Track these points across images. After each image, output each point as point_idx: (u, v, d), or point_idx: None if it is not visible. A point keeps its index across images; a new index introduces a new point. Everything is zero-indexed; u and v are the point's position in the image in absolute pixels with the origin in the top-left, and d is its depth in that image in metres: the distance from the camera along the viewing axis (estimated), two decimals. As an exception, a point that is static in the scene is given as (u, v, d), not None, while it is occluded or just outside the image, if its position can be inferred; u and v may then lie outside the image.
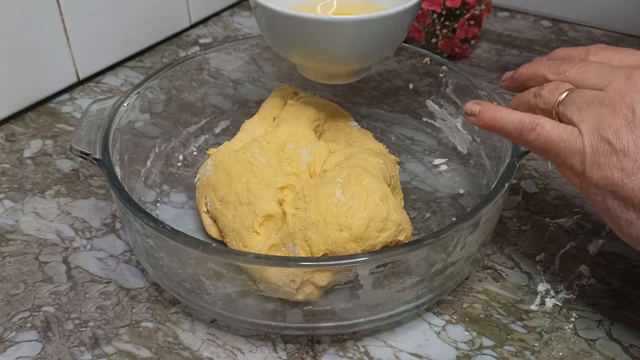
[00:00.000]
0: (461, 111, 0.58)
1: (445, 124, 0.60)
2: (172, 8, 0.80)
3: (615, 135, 0.37)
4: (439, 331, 0.44)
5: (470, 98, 0.56)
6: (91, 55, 0.71)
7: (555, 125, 0.40)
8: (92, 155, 0.47)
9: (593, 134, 0.38)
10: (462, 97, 0.57)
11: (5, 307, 0.46)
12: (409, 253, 0.40)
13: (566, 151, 0.39)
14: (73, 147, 0.48)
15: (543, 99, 0.41)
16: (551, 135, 0.39)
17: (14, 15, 0.62)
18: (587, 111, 0.39)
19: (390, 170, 0.49)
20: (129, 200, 0.43)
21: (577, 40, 0.81)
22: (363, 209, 0.42)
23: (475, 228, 0.42)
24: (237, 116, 0.63)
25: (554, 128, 0.39)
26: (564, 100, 0.40)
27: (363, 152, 0.49)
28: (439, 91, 0.60)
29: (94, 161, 0.47)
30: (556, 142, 0.39)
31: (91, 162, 0.47)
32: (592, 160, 0.38)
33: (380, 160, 0.48)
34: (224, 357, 0.43)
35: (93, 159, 0.47)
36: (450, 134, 0.60)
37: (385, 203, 0.43)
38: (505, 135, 0.42)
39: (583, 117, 0.39)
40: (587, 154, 0.38)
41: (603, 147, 0.37)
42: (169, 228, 0.40)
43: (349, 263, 0.39)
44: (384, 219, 0.43)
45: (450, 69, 0.58)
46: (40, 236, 0.52)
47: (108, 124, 0.50)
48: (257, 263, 0.39)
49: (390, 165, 0.50)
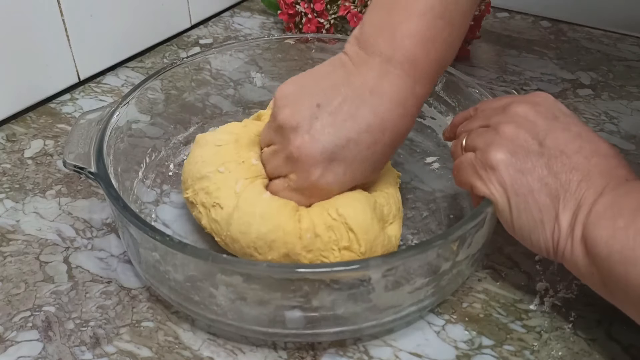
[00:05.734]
0: (451, 109, 0.58)
1: (435, 122, 0.60)
2: (173, 9, 0.80)
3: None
4: (438, 331, 0.44)
5: (460, 96, 0.56)
6: (92, 56, 0.71)
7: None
8: (86, 169, 0.46)
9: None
10: (452, 95, 0.57)
11: (6, 306, 0.46)
12: (419, 255, 0.40)
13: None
14: (67, 162, 0.47)
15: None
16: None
17: (14, 15, 0.62)
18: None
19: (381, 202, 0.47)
20: (126, 207, 0.42)
21: (577, 41, 0.81)
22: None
23: (482, 226, 0.43)
24: (237, 116, 0.63)
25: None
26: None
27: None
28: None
29: (90, 175, 0.46)
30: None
31: (87, 177, 0.47)
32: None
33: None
34: (225, 357, 0.43)
35: (88, 172, 0.46)
36: (441, 132, 0.60)
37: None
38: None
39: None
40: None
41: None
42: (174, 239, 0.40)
43: (359, 268, 0.39)
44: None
45: None
46: (41, 236, 0.52)
47: (101, 133, 0.49)
48: (269, 272, 0.39)
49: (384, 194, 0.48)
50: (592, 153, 0.41)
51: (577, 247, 0.39)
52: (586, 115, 0.67)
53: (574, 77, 0.74)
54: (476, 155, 0.43)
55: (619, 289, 0.37)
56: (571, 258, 0.40)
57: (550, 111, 0.43)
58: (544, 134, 0.41)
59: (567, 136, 0.41)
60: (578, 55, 0.78)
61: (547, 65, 0.76)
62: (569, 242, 0.40)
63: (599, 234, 0.37)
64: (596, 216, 0.38)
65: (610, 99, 0.70)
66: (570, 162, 0.40)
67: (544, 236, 0.41)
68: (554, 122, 0.42)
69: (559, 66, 0.76)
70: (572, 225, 0.39)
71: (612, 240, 0.37)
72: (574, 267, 0.40)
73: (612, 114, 0.67)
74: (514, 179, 0.41)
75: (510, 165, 0.41)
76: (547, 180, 0.40)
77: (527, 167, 0.41)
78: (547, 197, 0.40)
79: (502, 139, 0.42)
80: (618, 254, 0.36)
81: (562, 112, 0.43)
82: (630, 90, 0.71)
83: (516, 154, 0.41)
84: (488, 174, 0.42)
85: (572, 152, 0.41)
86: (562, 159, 0.40)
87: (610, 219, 0.37)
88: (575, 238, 0.39)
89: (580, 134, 0.42)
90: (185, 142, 0.60)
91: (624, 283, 0.36)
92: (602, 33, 0.83)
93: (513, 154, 0.41)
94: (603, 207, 0.38)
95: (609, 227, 0.37)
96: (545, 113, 0.43)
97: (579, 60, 0.77)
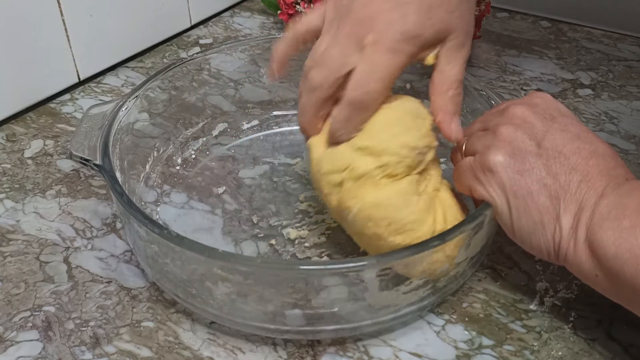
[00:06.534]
0: None
1: None
2: (173, 9, 0.80)
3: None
4: (438, 331, 0.44)
5: (467, 98, 0.56)
6: (92, 56, 0.71)
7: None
8: (92, 161, 0.47)
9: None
10: None
11: (6, 306, 0.46)
12: (414, 255, 0.40)
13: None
14: (73, 153, 0.48)
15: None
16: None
17: (14, 15, 0.62)
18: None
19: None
20: (130, 203, 0.43)
21: (577, 41, 0.81)
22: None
23: (480, 228, 0.42)
24: (237, 116, 0.64)
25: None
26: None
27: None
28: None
29: (94, 167, 0.47)
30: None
31: (92, 168, 0.47)
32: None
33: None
34: (225, 357, 0.43)
35: (94, 164, 0.47)
36: None
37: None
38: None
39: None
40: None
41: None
42: (174, 234, 0.40)
43: (356, 267, 0.39)
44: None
45: None
46: (41, 236, 0.52)
47: (108, 127, 0.50)
48: (264, 267, 0.39)
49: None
50: (591, 154, 0.41)
51: (581, 249, 0.39)
52: (586, 115, 0.67)
53: (574, 77, 0.74)
54: (475, 159, 0.43)
55: (627, 289, 0.37)
56: (574, 260, 0.40)
57: (548, 112, 0.43)
58: (542, 135, 0.41)
59: (565, 137, 0.41)
60: (578, 55, 0.78)
61: (547, 65, 0.76)
62: (571, 244, 0.40)
63: (604, 235, 0.37)
64: (600, 218, 0.38)
65: (610, 99, 0.70)
66: (569, 162, 0.40)
67: (544, 238, 0.41)
68: (552, 123, 0.42)
69: (559, 66, 0.76)
70: (574, 228, 0.39)
71: (620, 241, 0.37)
72: (577, 269, 0.40)
73: (612, 114, 0.67)
74: (513, 180, 0.41)
75: (508, 167, 0.41)
76: (546, 181, 0.40)
77: (526, 168, 0.41)
78: (547, 198, 0.40)
79: (500, 142, 0.42)
80: (627, 254, 0.36)
81: (561, 113, 0.43)
82: (630, 90, 0.71)
83: (514, 156, 0.41)
84: (487, 177, 0.42)
85: (571, 153, 0.41)
86: (561, 159, 0.40)
87: (615, 219, 0.37)
88: (579, 240, 0.39)
89: (578, 135, 0.42)
90: (186, 142, 0.60)
91: (633, 282, 0.36)
92: (602, 33, 0.83)
93: (511, 155, 0.41)
94: (606, 209, 0.38)
95: (615, 227, 0.37)
96: (543, 114, 0.43)
97: (579, 60, 0.77)
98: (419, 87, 0.62)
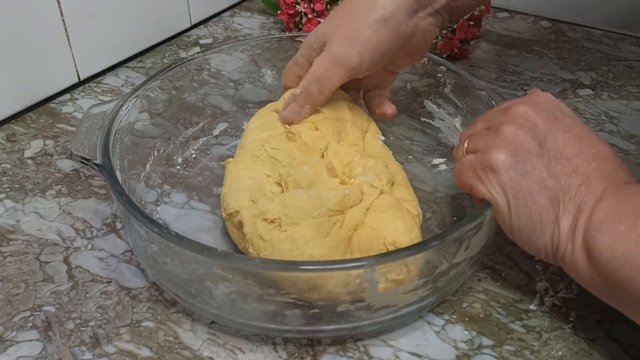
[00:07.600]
0: (460, 111, 0.58)
1: (444, 124, 0.60)
2: (173, 9, 0.80)
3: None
4: (438, 331, 0.44)
5: (469, 98, 0.56)
6: (92, 56, 0.71)
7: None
8: (92, 161, 0.47)
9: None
10: (460, 97, 0.58)
11: (6, 306, 0.46)
12: (415, 255, 0.40)
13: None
14: (73, 153, 0.48)
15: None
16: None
17: (14, 15, 0.62)
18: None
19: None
20: (130, 203, 0.43)
21: (577, 41, 0.81)
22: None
23: (480, 229, 0.42)
24: (237, 116, 0.64)
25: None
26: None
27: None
28: (438, 91, 0.60)
29: (94, 167, 0.47)
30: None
31: (92, 167, 0.47)
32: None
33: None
34: (225, 357, 0.43)
35: (94, 164, 0.47)
36: (449, 134, 0.60)
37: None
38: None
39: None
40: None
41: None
42: (174, 233, 0.40)
43: (355, 266, 0.39)
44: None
45: (449, 69, 0.58)
46: (41, 236, 0.52)
47: (108, 127, 0.50)
48: (263, 268, 0.40)
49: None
50: (592, 156, 0.41)
51: (578, 251, 0.39)
52: (586, 115, 0.67)
53: (574, 77, 0.74)
54: (477, 157, 0.43)
55: (621, 292, 0.37)
56: (571, 262, 0.40)
57: (550, 111, 0.43)
58: (544, 135, 0.41)
59: (567, 138, 0.41)
60: (578, 55, 0.78)
61: (547, 65, 0.76)
62: (569, 246, 0.40)
63: (600, 238, 0.37)
64: (597, 221, 0.38)
65: (610, 99, 0.70)
66: (570, 165, 0.40)
67: (543, 239, 0.41)
68: (555, 123, 0.42)
69: (559, 66, 0.76)
70: (572, 230, 0.39)
71: (615, 245, 0.37)
72: (574, 271, 0.40)
73: (612, 114, 0.67)
74: (514, 181, 0.41)
75: (510, 167, 0.41)
76: (547, 182, 0.40)
77: (527, 169, 0.41)
78: (547, 200, 0.40)
79: (502, 141, 0.42)
80: (621, 258, 0.36)
81: (563, 113, 0.43)
82: (630, 90, 0.71)
83: (516, 156, 0.41)
84: (488, 176, 0.42)
85: (572, 155, 0.41)
86: (562, 161, 0.40)
87: (611, 223, 0.37)
88: (576, 242, 0.39)
89: (580, 136, 0.42)
90: (186, 142, 0.60)
91: (628, 286, 0.36)
92: (602, 33, 0.83)
93: (513, 155, 0.41)
94: (603, 212, 0.38)
95: (610, 231, 0.37)
96: (546, 113, 0.43)
97: (579, 60, 0.77)
98: (418, 87, 0.62)
